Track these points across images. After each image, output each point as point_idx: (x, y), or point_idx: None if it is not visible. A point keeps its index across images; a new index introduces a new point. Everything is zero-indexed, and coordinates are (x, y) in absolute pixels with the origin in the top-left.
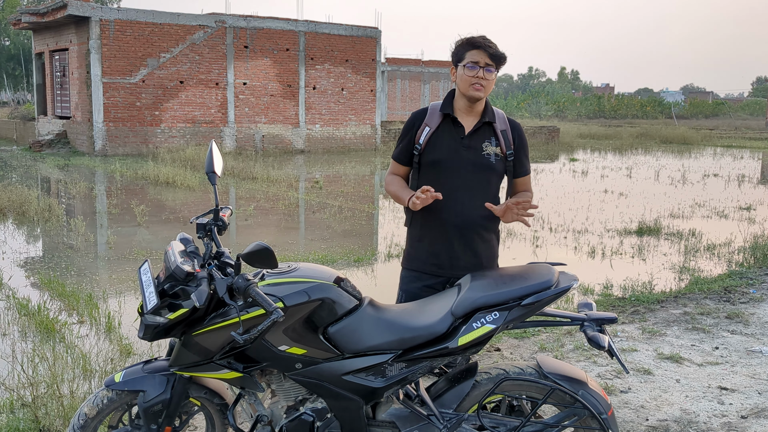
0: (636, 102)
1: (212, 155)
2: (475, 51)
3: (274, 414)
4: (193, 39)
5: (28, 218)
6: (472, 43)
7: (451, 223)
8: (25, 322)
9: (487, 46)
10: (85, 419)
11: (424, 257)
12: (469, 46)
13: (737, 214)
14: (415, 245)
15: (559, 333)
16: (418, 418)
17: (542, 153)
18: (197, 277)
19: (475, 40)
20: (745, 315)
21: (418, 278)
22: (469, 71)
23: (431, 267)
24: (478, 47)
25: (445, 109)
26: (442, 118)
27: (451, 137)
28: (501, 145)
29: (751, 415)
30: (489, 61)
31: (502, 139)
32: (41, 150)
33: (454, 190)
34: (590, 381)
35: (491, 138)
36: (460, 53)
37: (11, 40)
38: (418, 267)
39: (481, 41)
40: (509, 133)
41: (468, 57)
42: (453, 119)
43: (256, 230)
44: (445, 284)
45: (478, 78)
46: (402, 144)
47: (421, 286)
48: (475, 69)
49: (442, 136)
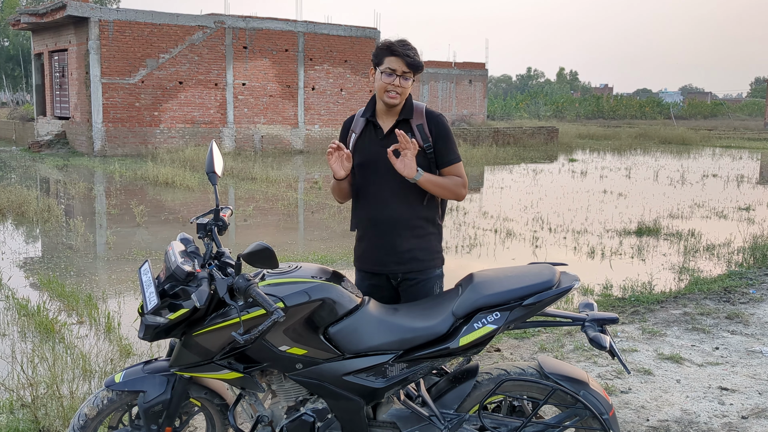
0: (635, 102)
1: (212, 155)
2: (393, 58)
3: (274, 414)
4: (192, 39)
5: (27, 219)
6: (391, 50)
7: (380, 221)
8: (25, 322)
9: (405, 54)
10: (85, 420)
11: (364, 256)
12: (387, 52)
13: (736, 214)
14: (356, 245)
15: (559, 333)
16: (419, 419)
17: (541, 153)
18: (198, 278)
19: (394, 47)
20: (745, 315)
21: (364, 278)
22: (386, 78)
23: (370, 265)
24: (396, 54)
25: (365, 114)
26: (365, 123)
27: (371, 140)
28: (417, 139)
29: (752, 415)
30: (406, 69)
31: (417, 133)
32: (40, 150)
33: (379, 189)
34: (591, 381)
35: (408, 134)
36: (379, 57)
37: (10, 40)
38: (361, 266)
39: (399, 49)
40: (425, 126)
41: (386, 63)
42: (373, 123)
43: (256, 230)
44: (388, 281)
45: (394, 86)
46: None
47: (368, 285)
48: (391, 77)
49: (364, 139)
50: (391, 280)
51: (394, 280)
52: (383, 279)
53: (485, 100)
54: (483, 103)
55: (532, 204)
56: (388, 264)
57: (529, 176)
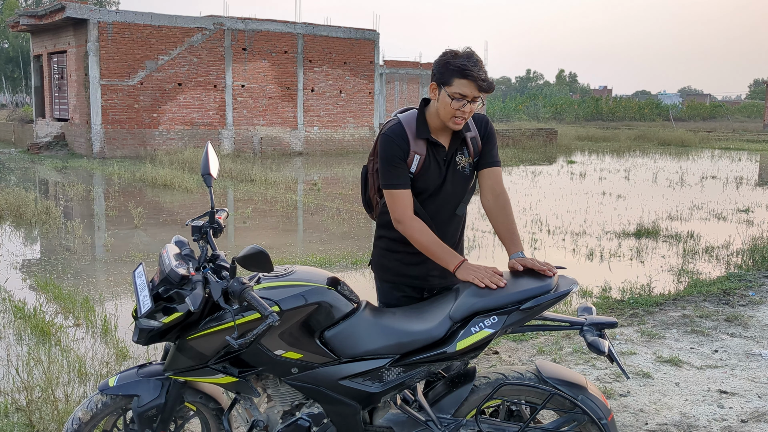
0: (634, 104)
1: (208, 157)
2: (465, 81)
3: (270, 419)
4: (192, 41)
5: (25, 221)
6: (464, 73)
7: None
8: (21, 325)
9: (479, 78)
10: (78, 424)
11: (402, 269)
12: (459, 74)
13: (735, 216)
14: (388, 256)
15: (558, 336)
16: (415, 424)
17: (540, 155)
18: (192, 281)
19: (467, 70)
20: (745, 318)
21: (394, 288)
22: (455, 104)
23: (407, 278)
24: (469, 78)
25: (422, 134)
26: (426, 143)
27: (436, 161)
28: (471, 153)
29: (751, 419)
30: (477, 94)
31: (471, 147)
32: (39, 152)
33: (437, 209)
34: (590, 386)
35: (463, 149)
36: (446, 77)
37: (10, 42)
38: (393, 279)
39: (473, 72)
40: (478, 139)
41: (456, 86)
42: (434, 143)
43: (254, 232)
44: (421, 292)
45: (462, 112)
46: (399, 170)
47: (399, 297)
48: (461, 102)
49: (429, 161)
50: (426, 291)
51: (428, 292)
52: (417, 291)
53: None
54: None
55: (531, 206)
56: (429, 279)
57: (527, 178)
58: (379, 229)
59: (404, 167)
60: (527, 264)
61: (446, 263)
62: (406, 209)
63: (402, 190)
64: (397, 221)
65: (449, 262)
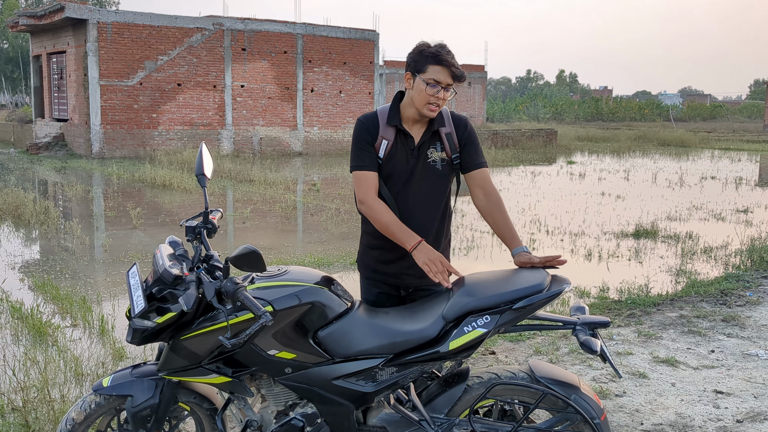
0: (634, 105)
1: (202, 157)
2: (439, 68)
3: (263, 419)
4: (191, 42)
5: (24, 221)
6: (437, 59)
7: None
8: (18, 325)
9: (452, 65)
10: (72, 424)
11: (376, 266)
12: (433, 60)
13: (734, 216)
14: (366, 252)
15: (554, 336)
16: (409, 423)
17: (540, 155)
18: (185, 281)
19: (441, 56)
20: (742, 318)
21: (372, 286)
22: (430, 90)
23: (383, 276)
24: (442, 64)
25: (392, 121)
26: (396, 131)
27: (403, 149)
28: (446, 150)
29: (747, 419)
30: (450, 81)
31: (447, 144)
32: (38, 152)
33: (403, 200)
34: (583, 385)
35: (436, 143)
36: (421, 64)
37: (9, 42)
38: (370, 275)
39: (446, 58)
40: (454, 136)
41: (430, 72)
42: (404, 132)
43: (254, 233)
44: (398, 290)
45: (437, 98)
46: (366, 153)
47: (377, 293)
48: (435, 88)
49: (396, 148)
50: (401, 290)
51: (404, 291)
52: (393, 288)
53: (484, 102)
54: (482, 105)
55: (530, 206)
56: (404, 277)
57: (527, 178)
58: (362, 225)
59: (371, 150)
60: (535, 263)
61: (403, 242)
62: (369, 190)
63: (367, 171)
64: (360, 201)
65: (406, 242)
